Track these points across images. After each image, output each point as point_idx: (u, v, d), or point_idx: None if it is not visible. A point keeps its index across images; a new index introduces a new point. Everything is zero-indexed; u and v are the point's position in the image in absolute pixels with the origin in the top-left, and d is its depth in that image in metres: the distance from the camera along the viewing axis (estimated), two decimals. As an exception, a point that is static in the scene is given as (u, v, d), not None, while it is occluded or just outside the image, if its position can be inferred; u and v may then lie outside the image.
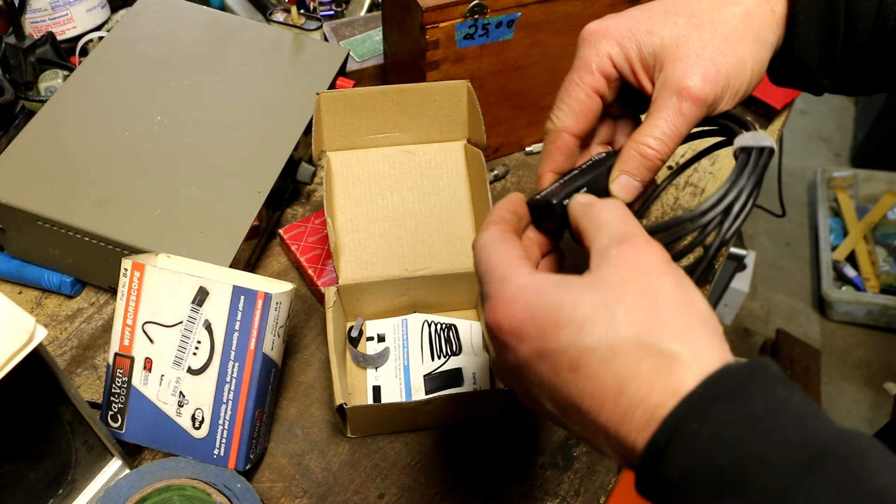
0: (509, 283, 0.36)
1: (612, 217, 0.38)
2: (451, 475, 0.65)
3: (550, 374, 0.34)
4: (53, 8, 0.96)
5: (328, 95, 0.69)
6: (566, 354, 0.33)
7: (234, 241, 0.70)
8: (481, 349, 0.72)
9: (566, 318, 0.33)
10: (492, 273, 0.38)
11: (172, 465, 0.60)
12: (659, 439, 0.31)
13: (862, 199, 2.25)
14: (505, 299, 0.36)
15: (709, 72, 0.43)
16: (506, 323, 0.35)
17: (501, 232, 0.41)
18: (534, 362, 0.35)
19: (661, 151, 0.43)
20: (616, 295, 0.33)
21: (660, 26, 0.44)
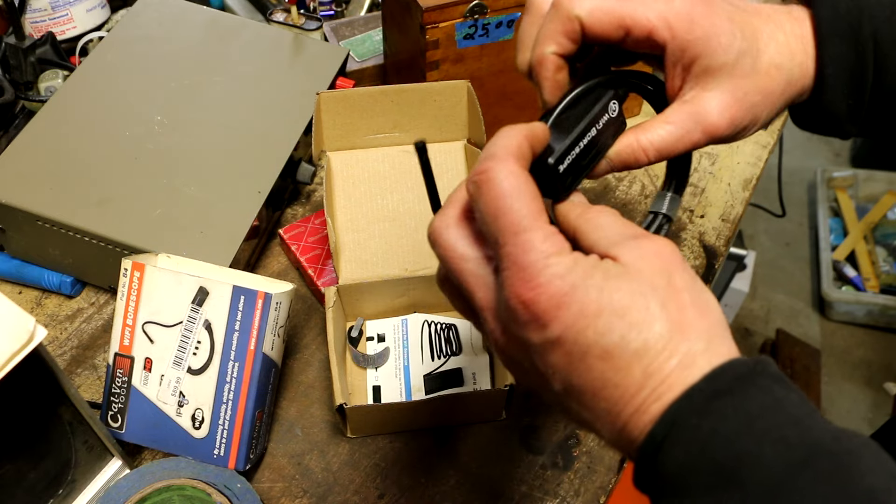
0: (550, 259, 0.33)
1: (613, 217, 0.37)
2: (451, 475, 0.65)
3: (577, 359, 0.33)
4: (53, 8, 0.96)
5: (328, 95, 0.69)
6: (600, 342, 0.32)
7: (234, 241, 0.70)
8: (481, 349, 0.72)
9: (607, 305, 0.32)
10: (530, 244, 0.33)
11: (172, 465, 0.60)
12: (657, 433, 0.31)
13: (862, 199, 2.25)
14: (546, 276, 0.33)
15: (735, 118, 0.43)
16: (541, 299, 0.33)
17: (526, 177, 0.35)
18: (561, 344, 0.33)
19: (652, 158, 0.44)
20: (650, 288, 0.33)
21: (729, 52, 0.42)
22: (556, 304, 0.33)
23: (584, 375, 0.33)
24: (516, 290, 0.33)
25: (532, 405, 0.70)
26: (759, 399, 0.31)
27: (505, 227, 0.34)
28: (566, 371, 0.33)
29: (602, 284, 0.33)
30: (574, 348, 0.33)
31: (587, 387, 0.33)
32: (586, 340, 0.32)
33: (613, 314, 0.32)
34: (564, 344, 0.33)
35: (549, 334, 0.33)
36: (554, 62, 0.43)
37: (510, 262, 0.34)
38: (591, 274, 0.33)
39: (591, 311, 0.32)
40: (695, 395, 0.31)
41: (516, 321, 0.34)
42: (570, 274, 0.33)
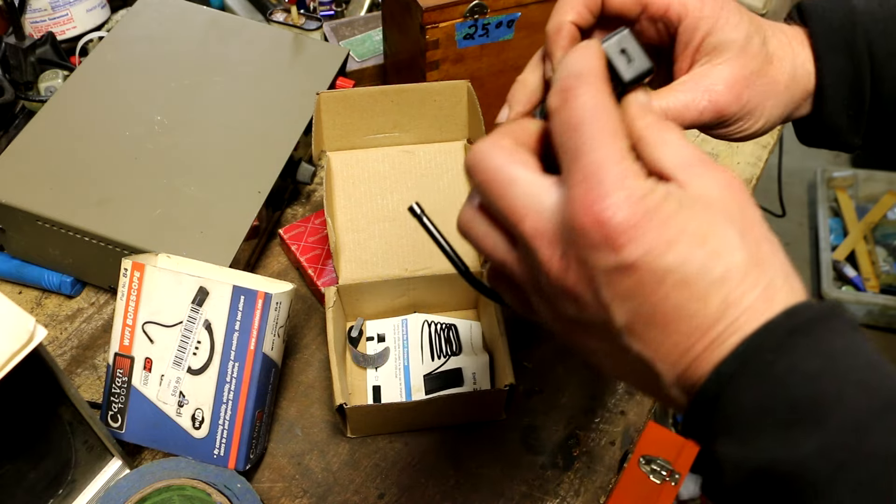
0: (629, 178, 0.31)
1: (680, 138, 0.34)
2: (451, 475, 0.65)
3: (651, 287, 0.30)
4: (53, 8, 0.96)
5: (328, 95, 0.69)
6: (679, 269, 0.30)
7: (234, 241, 0.70)
8: (481, 349, 0.72)
9: (687, 231, 0.30)
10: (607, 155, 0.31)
11: (172, 465, 0.60)
12: (725, 370, 0.30)
13: (862, 199, 2.25)
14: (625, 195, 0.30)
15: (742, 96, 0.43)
16: (620, 219, 0.30)
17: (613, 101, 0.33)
18: (634, 269, 0.30)
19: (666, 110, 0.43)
20: (727, 217, 0.31)
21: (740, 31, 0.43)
22: (633, 225, 0.30)
23: (656, 305, 0.30)
24: (592, 207, 0.30)
25: (532, 405, 0.70)
26: (839, 341, 0.30)
27: (587, 139, 0.32)
28: (636, 300, 0.31)
29: (680, 210, 0.31)
30: (649, 275, 0.30)
31: (658, 318, 0.31)
32: (664, 266, 0.30)
33: (693, 240, 0.30)
34: (639, 269, 0.30)
35: (623, 258, 0.30)
36: (570, 31, 0.42)
37: (585, 176, 0.31)
38: (668, 199, 0.31)
39: (669, 235, 0.30)
40: (773, 330, 0.29)
41: (586, 243, 0.31)
42: (650, 196, 0.31)
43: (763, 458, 0.29)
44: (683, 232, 0.30)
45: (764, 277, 0.30)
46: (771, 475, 0.29)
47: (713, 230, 0.30)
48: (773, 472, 0.29)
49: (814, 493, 0.28)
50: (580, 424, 0.69)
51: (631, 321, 0.31)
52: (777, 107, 0.46)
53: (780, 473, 0.29)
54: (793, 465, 0.28)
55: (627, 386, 0.34)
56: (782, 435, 0.29)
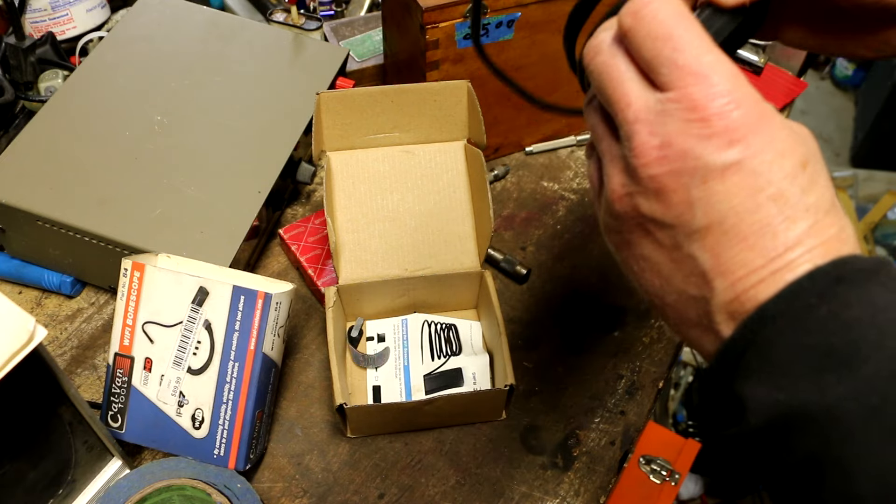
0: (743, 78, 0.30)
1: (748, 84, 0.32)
2: (451, 475, 0.65)
3: (748, 191, 0.29)
4: (53, 8, 0.96)
5: (328, 95, 0.69)
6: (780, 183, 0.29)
7: (234, 241, 0.70)
8: (481, 349, 0.72)
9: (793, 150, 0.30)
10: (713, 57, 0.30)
11: (172, 465, 0.60)
12: (769, 308, 0.29)
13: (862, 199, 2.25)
14: (744, 91, 0.30)
15: None
16: (740, 113, 0.29)
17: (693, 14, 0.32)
18: (739, 169, 0.29)
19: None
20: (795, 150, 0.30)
21: None
22: (753, 121, 0.29)
23: (746, 214, 0.29)
24: (706, 93, 0.30)
25: (532, 405, 0.70)
26: (885, 295, 0.29)
27: (681, 39, 0.31)
28: (727, 203, 0.30)
29: (788, 128, 0.30)
30: (752, 179, 0.29)
31: (742, 228, 0.30)
32: (768, 174, 0.29)
33: (798, 160, 0.30)
34: (743, 170, 0.29)
35: (733, 154, 0.29)
36: None
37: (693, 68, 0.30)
38: (777, 112, 0.30)
39: (780, 147, 0.29)
40: (819, 277, 0.29)
41: (700, 133, 0.30)
42: (765, 102, 0.30)
43: (794, 400, 0.28)
44: (792, 149, 0.30)
45: (839, 220, 0.30)
46: (800, 418, 0.28)
47: (814, 157, 0.30)
48: (803, 415, 0.28)
49: (841, 438, 0.27)
50: (580, 424, 0.69)
51: (710, 224, 0.30)
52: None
53: (809, 417, 0.28)
54: (823, 408, 0.28)
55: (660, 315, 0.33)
56: (815, 378, 0.28)
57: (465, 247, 0.72)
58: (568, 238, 0.85)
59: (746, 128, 0.29)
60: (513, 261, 0.80)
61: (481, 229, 0.71)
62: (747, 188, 0.29)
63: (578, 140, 0.96)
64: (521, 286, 0.80)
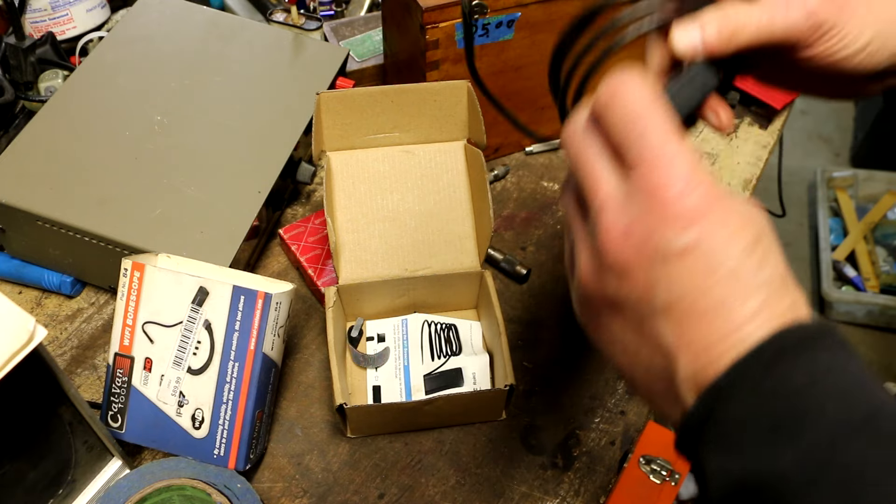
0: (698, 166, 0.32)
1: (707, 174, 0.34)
2: (451, 475, 0.65)
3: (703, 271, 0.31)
4: (53, 8, 0.96)
5: (328, 95, 0.69)
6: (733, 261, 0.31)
7: (234, 241, 0.70)
8: (481, 349, 0.72)
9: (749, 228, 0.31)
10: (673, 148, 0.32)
11: (172, 465, 0.60)
12: (722, 382, 0.30)
13: (862, 199, 2.25)
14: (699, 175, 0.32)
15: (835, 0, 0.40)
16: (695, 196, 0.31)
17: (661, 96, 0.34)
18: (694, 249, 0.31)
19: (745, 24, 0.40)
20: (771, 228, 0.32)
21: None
22: (708, 204, 0.31)
23: (702, 292, 0.31)
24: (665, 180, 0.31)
25: (532, 405, 0.70)
26: (825, 360, 0.30)
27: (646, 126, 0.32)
28: (687, 281, 0.31)
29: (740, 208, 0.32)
30: (705, 259, 0.31)
31: (700, 305, 0.31)
32: (723, 254, 0.31)
33: (750, 239, 0.31)
34: (700, 251, 0.31)
35: (689, 236, 0.31)
36: None
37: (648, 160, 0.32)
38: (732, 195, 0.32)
39: (733, 227, 0.31)
40: (764, 349, 0.30)
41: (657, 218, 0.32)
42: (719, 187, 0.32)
43: (745, 469, 0.30)
44: (744, 228, 0.31)
45: (791, 293, 0.31)
46: (752, 487, 0.30)
47: (765, 233, 0.32)
48: (755, 484, 0.30)
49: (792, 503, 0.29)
50: (580, 424, 0.69)
51: (672, 303, 0.32)
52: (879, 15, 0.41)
53: (761, 485, 0.29)
54: (772, 477, 0.29)
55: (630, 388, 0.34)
56: (764, 448, 0.29)
57: (465, 247, 0.72)
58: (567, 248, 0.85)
59: (701, 211, 0.31)
60: (513, 261, 0.80)
61: (481, 229, 0.71)
62: (704, 268, 0.31)
63: (578, 140, 0.96)
64: (521, 286, 0.80)
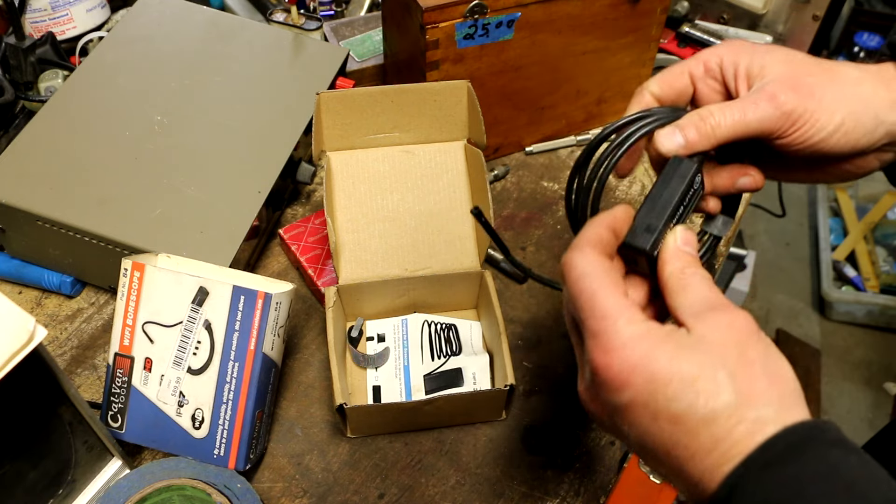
0: (623, 326, 0.37)
1: (700, 282, 0.39)
2: (451, 475, 0.65)
3: (649, 421, 0.36)
4: (53, 8, 0.96)
5: (328, 95, 0.69)
6: (669, 407, 0.35)
7: (234, 241, 0.70)
8: (481, 349, 0.72)
9: (677, 374, 0.35)
10: (603, 311, 0.38)
11: (172, 465, 0.60)
12: (720, 495, 0.33)
13: (862, 199, 2.25)
14: (618, 343, 0.37)
15: (800, 88, 0.44)
16: (616, 366, 0.36)
17: (600, 258, 0.40)
18: (633, 407, 0.36)
19: (720, 123, 0.44)
20: (720, 358, 0.35)
21: (778, 51, 0.46)
22: (628, 369, 0.36)
23: (655, 436, 0.36)
24: (593, 356, 0.38)
25: (532, 405, 0.70)
26: (813, 466, 0.32)
27: (584, 303, 0.39)
28: (639, 431, 0.37)
29: (673, 353, 0.35)
30: (645, 411, 0.36)
31: (659, 447, 0.36)
32: (656, 405, 0.35)
33: (682, 382, 0.35)
34: (636, 407, 0.36)
35: (622, 398, 0.36)
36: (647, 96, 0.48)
37: (589, 333, 0.38)
38: (663, 343, 0.36)
39: (660, 378, 0.35)
40: (751, 464, 0.33)
41: (595, 383, 0.38)
42: (642, 343, 0.36)
43: None
44: (674, 374, 0.35)
45: (752, 412, 0.34)
46: None
47: (703, 372, 0.35)
48: None
49: None
50: (580, 424, 0.69)
51: (641, 446, 0.37)
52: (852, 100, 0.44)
53: None
54: None
55: None
56: None
57: (465, 247, 0.72)
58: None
59: (626, 374, 0.36)
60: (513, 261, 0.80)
61: (481, 229, 0.71)
62: (646, 418, 0.36)
63: (578, 140, 0.96)
64: (521, 286, 0.80)
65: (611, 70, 0.92)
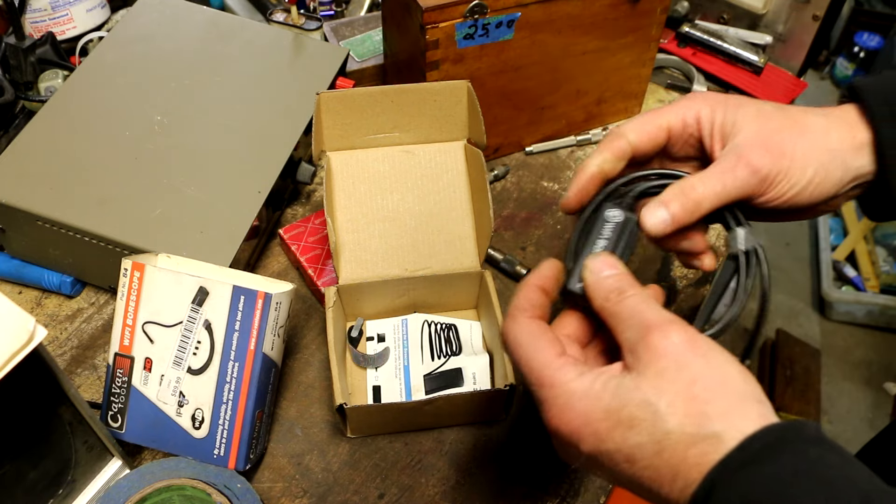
0: (559, 391, 0.39)
1: (631, 306, 0.40)
2: (451, 475, 0.65)
3: (610, 465, 0.38)
4: (53, 8, 0.96)
5: (328, 95, 0.69)
6: (621, 451, 0.37)
7: (234, 241, 0.70)
8: (481, 349, 0.72)
9: (615, 421, 0.37)
10: (539, 378, 0.40)
11: (172, 465, 0.60)
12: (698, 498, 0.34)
13: (862, 199, 2.25)
14: (559, 406, 0.39)
15: (772, 148, 0.45)
16: (564, 429, 0.39)
17: (530, 323, 0.42)
18: (594, 457, 0.38)
19: (703, 196, 0.45)
20: (655, 392, 0.36)
21: (749, 104, 0.48)
22: (576, 430, 0.38)
23: (623, 476, 0.38)
24: (546, 421, 0.40)
25: (532, 405, 0.70)
26: (791, 464, 0.32)
27: (523, 371, 0.41)
28: (609, 474, 0.39)
29: (609, 403, 0.37)
30: (605, 458, 0.38)
31: (632, 483, 0.38)
32: (610, 453, 0.37)
33: (624, 426, 0.37)
34: (596, 457, 0.38)
35: (581, 451, 0.38)
36: (591, 174, 0.48)
37: (536, 400, 0.41)
38: (598, 399, 0.38)
39: (604, 430, 0.37)
40: (726, 466, 0.34)
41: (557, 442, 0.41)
42: (581, 403, 0.38)
43: None
44: (615, 421, 0.37)
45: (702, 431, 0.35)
46: None
47: (641, 411, 0.36)
48: None
49: None
50: (580, 424, 0.69)
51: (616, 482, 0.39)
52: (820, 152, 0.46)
53: None
54: None
55: None
56: None
57: (465, 247, 0.72)
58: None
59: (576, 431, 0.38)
60: (513, 261, 0.80)
61: (481, 229, 0.71)
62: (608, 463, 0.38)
63: (578, 140, 0.96)
64: (521, 286, 0.80)
65: (611, 70, 0.92)
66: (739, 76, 1.04)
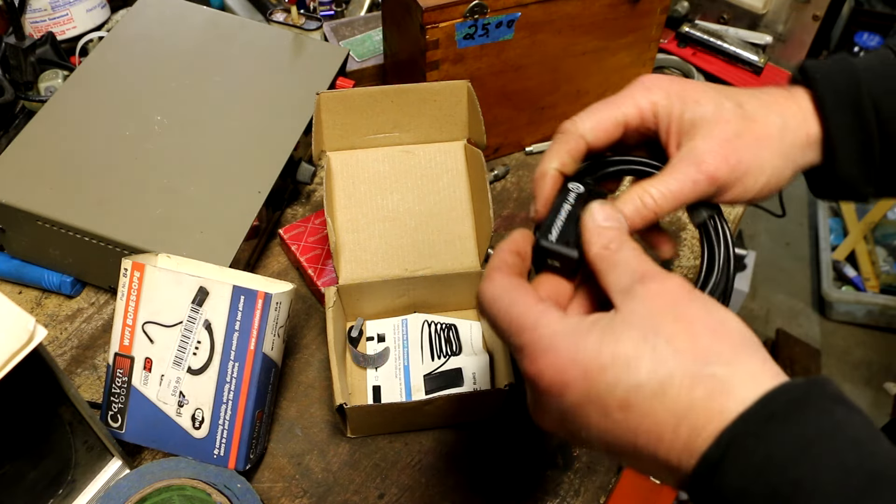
0: (543, 331, 0.36)
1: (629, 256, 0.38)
2: (451, 475, 0.65)
3: (600, 417, 0.34)
4: (53, 8, 0.96)
5: (328, 95, 0.69)
6: (614, 395, 0.33)
7: (234, 241, 0.70)
8: (481, 349, 0.72)
9: (610, 359, 0.33)
10: (519, 324, 0.37)
11: (172, 465, 0.60)
12: (712, 455, 0.31)
13: (862, 199, 2.25)
14: (542, 347, 0.35)
15: (730, 158, 0.45)
16: (548, 371, 0.35)
17: (507, 278, 0.40)
18: (580, 407, 0.34)
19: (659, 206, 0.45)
20: (653, 328, 0.33)
21: (708, 102, 0.46)
22: (561, 370, 0.34)
23: (613, 431, 0.34)
24: (525, 368, 0.36)
25: (532, 405, 0.70)
26: (817, 422, 0.31)
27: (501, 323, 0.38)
28: (598, 431, 0.34)
29: (601, 340, 0.34)
30: (593, 408, 0.34)
31: (623, 441, 0.34)
32: (601, 398, 0.33)
33: (617, 365, 0.33)
34: (583, 407, 0.34)
35: (565, 401, 0.35)
36: (553, 178, 0.47)
37: (516, 349, 0.37)
38: (588, 334, 0.34)
39: (594, 368, 0.33)
40: (749, 419, 0.31)
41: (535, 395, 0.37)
42: (566, 340, 0.35)
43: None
44: (607, 360, 0.33)
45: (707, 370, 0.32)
46: None
47: (637, 348, 0.33)
48: None
49: None
50: (580, 424, 0.69)
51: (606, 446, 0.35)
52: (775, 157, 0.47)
53: None
54: None
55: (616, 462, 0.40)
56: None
57: (465, 247, 0.72)
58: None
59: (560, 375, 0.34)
60: (513, 261, 0.80)
61: (481, 229, 0.71)
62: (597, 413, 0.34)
63: (578, 140, 0.96)
64: (521, 286, 0.80)
65: (611, 70, 0.92)
66: (739, 76, 1.04)
